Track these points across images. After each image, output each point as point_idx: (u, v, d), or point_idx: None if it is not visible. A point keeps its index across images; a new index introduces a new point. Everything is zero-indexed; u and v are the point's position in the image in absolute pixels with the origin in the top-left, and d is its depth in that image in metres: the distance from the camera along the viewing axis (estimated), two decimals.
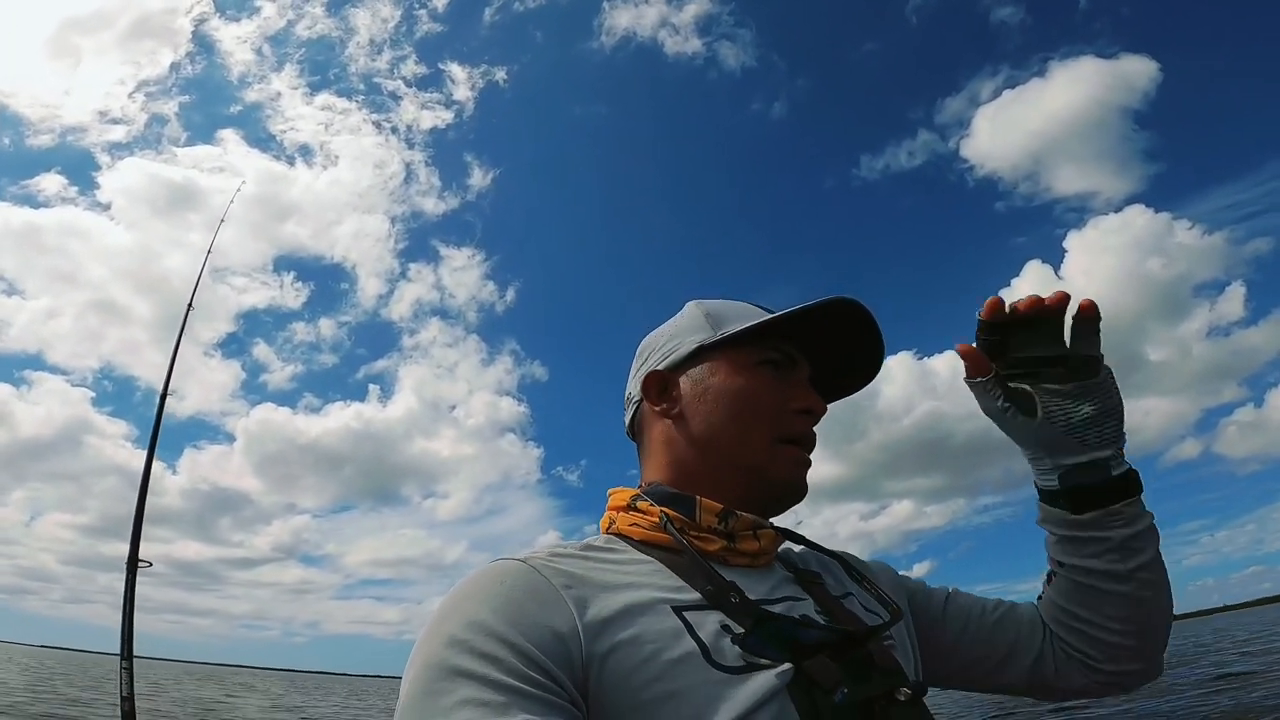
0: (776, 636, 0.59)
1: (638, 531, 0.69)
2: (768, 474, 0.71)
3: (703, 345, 0.76)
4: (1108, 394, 0.72)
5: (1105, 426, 0.72)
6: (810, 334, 0.75)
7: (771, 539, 0.72)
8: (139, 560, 3.51)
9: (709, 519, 0.68)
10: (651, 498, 0.71)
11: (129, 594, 3.40)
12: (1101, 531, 0.73)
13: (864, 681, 0.58)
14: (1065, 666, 0.80)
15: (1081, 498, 0.73)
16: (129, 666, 3.26)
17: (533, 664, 0.52)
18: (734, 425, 0.72)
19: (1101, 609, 0.76)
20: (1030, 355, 0.72)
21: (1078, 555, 0.75)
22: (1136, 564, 0.73)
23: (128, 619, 3.36)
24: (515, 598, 0.56)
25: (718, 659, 0.56)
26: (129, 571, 3.44)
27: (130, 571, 3.43)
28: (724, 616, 0.59)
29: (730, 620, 0.59)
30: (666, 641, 0.56)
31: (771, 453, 0.72)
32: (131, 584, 3.41)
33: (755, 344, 0.75)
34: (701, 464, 0.73)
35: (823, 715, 0.55)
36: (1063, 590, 0.78)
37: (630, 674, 0.54)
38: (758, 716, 0.53)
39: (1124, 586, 0.74)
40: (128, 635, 3.32)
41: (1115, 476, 0.72)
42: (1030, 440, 0.76)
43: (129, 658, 3.26)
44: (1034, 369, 0.72)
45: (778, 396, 0.73)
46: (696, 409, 0.74)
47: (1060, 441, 0.73)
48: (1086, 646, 0.78)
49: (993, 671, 0.83)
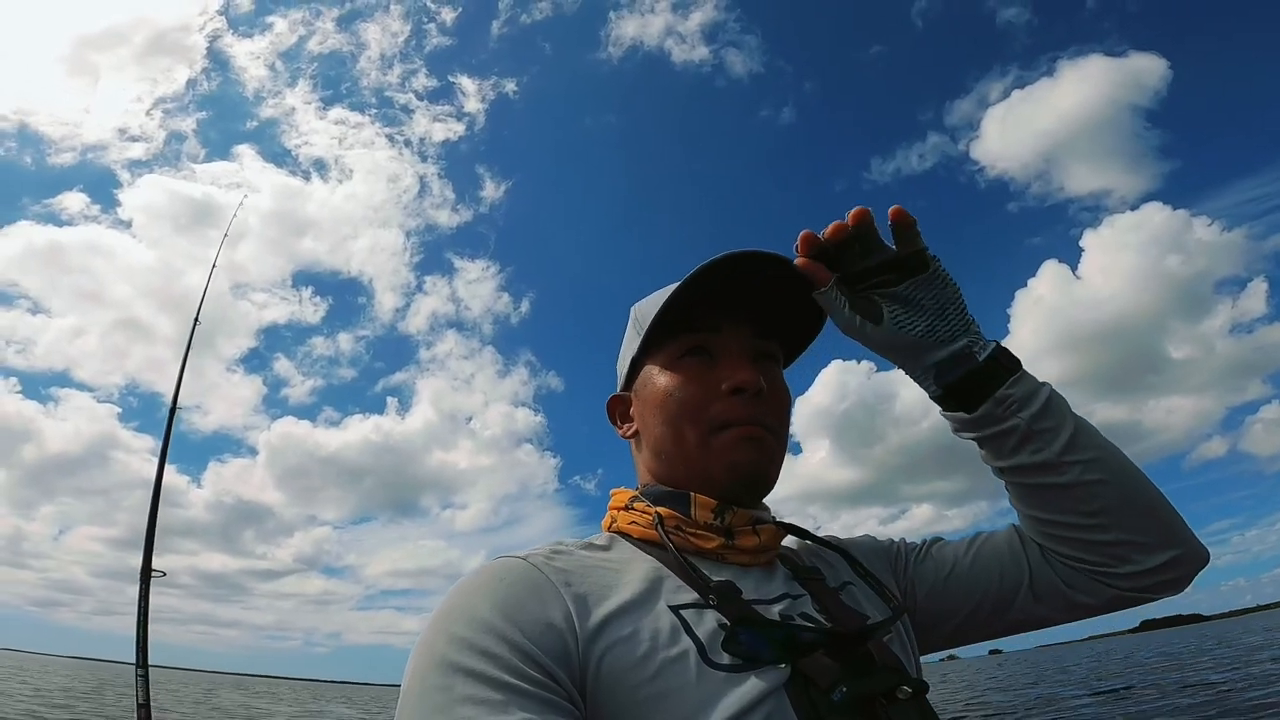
0: (773, 635, 0.58)
1: (636, 530, 0.70)
2: (712, 470, 0.70)
3: (634, 358, 0.77)
4: (942, 284, 0.70)
5: (949, 317, 0.70)
6: (742, 293, 0.73)
7: (772, 534, 0.71)
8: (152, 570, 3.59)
9: (705, 515, 0.68)
10: (648, 498, 0.72)
11: (143, 603, 3.48)
12: (1003, 423, 0.69)
13: (864, 679, 0.57)
14: (1078, 581, 0.74)
15: (964, 393, 0.70)
16: (144, 674, 3.33)
17: (532, 662, 0.52)
18: (670, 432, 0.71)
19: (1062, 506, 0.70)
20: (861, 267, 0.72)
21: (1002, 456, 0.71)
22: (1060, 446, 0.68)
23: (142, 627, 3.44)
24: (515, 595, 0.57)
25: (714, 658, 0.56)
26: (143, 581, 3.52)
27: (144, 581, 3.51)
28: (721, 616, 0.59)
29: (727, 619, 0.59)
30: (663, 640, 0.56)
31: (706, 447, 0.70)
32: (145, 593, 3.49)
33: (674, 335, 0.73)
34: (666, 473, 0.73)
35: (822, 714, 0.54)
36: (1018, 497, 0.74)
37: (627, 672, 0.54)
38: (755, 716, 0.53)
39: (1064, 476, 0.69)
40: (142, 643, 3.41)
41: (984, 361, 0.69)
42: (889, 348, 0.73)
43: (144, 665, 3.34)
44: (867, 279, 0.72)
45: (702, 387, 0.71)
46: (646, 424, 0.75)
47: (916, 344, 0.71)
48: (1082, 553, 0.72)
49: (996, 611, 0.77)
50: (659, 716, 0.53)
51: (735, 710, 0.53)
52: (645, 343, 0.75)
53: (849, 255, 0.71)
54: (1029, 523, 0.75)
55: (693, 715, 0.53)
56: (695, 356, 0.73)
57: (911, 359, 0.73)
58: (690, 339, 0.73)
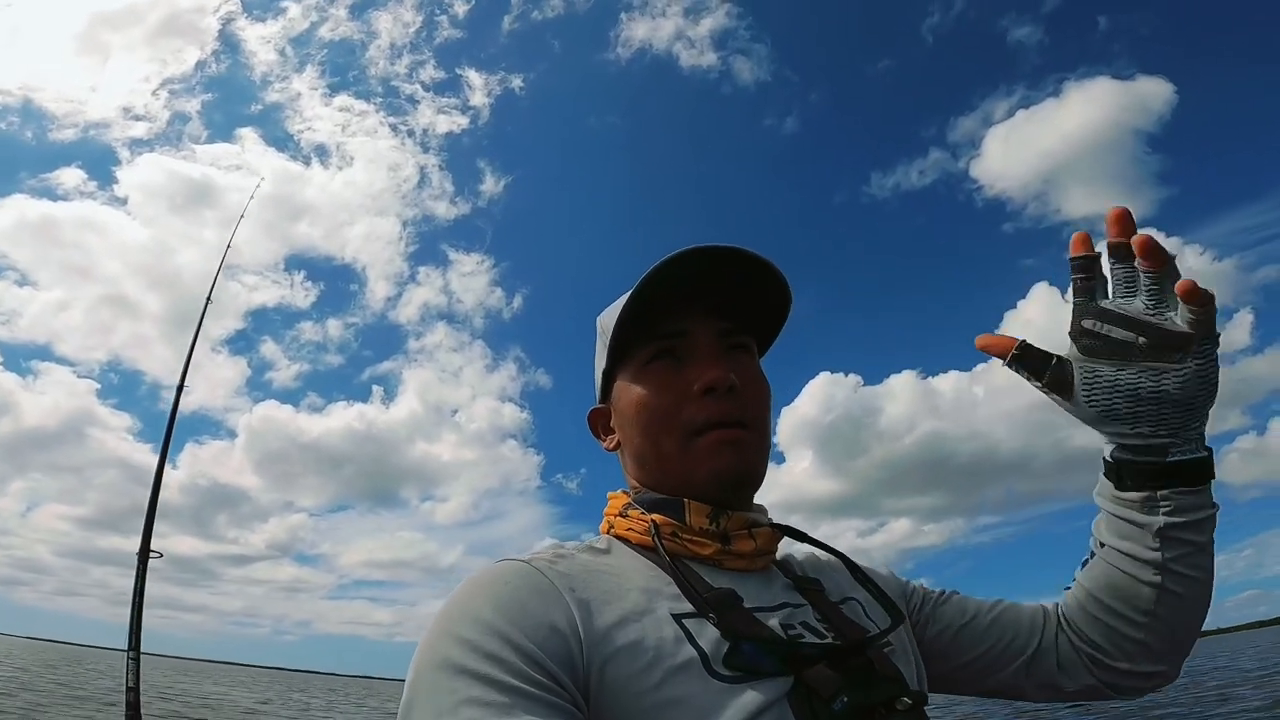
0: (775, 645, 0.58)
1: (634, 536, 0.69)
2: (693, 476, 0.68)
3: (605, 370, 0.76)
4: (1186, 381, 0.62)
5: (1165, 411, 0.63)
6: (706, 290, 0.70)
7: (768, 538, 0.70)
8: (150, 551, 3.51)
9: (699, 520, 0.67)
10: (641, 505, 0.71)
11: (139, 585, 3.41)
12: (1146, 515, 0.67)
13: (864, 690, 0.57)
14: (1071, 663, 0.76)
15: (1131, 475, 0.67)
16: (136, 657, 3.25)
17: (536, 665, 0.51)
18: (648, 442, 0.70)
19: (1129, 599, 0.70)
20: (1109, 316, 0.63)
21: (1117, 536, 0.70)
22: (1176, 554, 0.67)
23: (136, 610, 3.36)
24: (520, 598, 0.56)
25: (717, 668, 0.55)
26: (140, 562, 3.44)
27: (142, 562, 3.44)
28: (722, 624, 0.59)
29: (728, 628, 0.58)
30: (667, 649, 0.56)
31: (685, 454, 0.68)
32: (142, 574, 3.42)
33: (640, 341, 0.71)
34: (656, 484, 0.71)
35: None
36: (1094, 574, 0.73)
37: (631, 680, 0.54)
38: None
39: (1157, 577, 0.68)
40: (136, 626, 3.32)
41: (1173, 462, 0.65)
42: (1078, 415, 0.69)
43: (136, 648, 3.26)
44: (1104, 337, 0.64)
45: (673, 392, 0.69)
46: (625, 435, 0.74)
47: (1104, 416, 0.66)
48: (1102, 639, 0.73)
49: (986, 670, 0.79)
50: None
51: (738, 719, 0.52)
52: (612, 353, 0.73)
53: (1111, 284, 0.65)
54: (1082, 597, 0.75)
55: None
56: (662, 360, 0.70)
57: (1096, 425, 0.69)
58: (655, 345, 0.71)
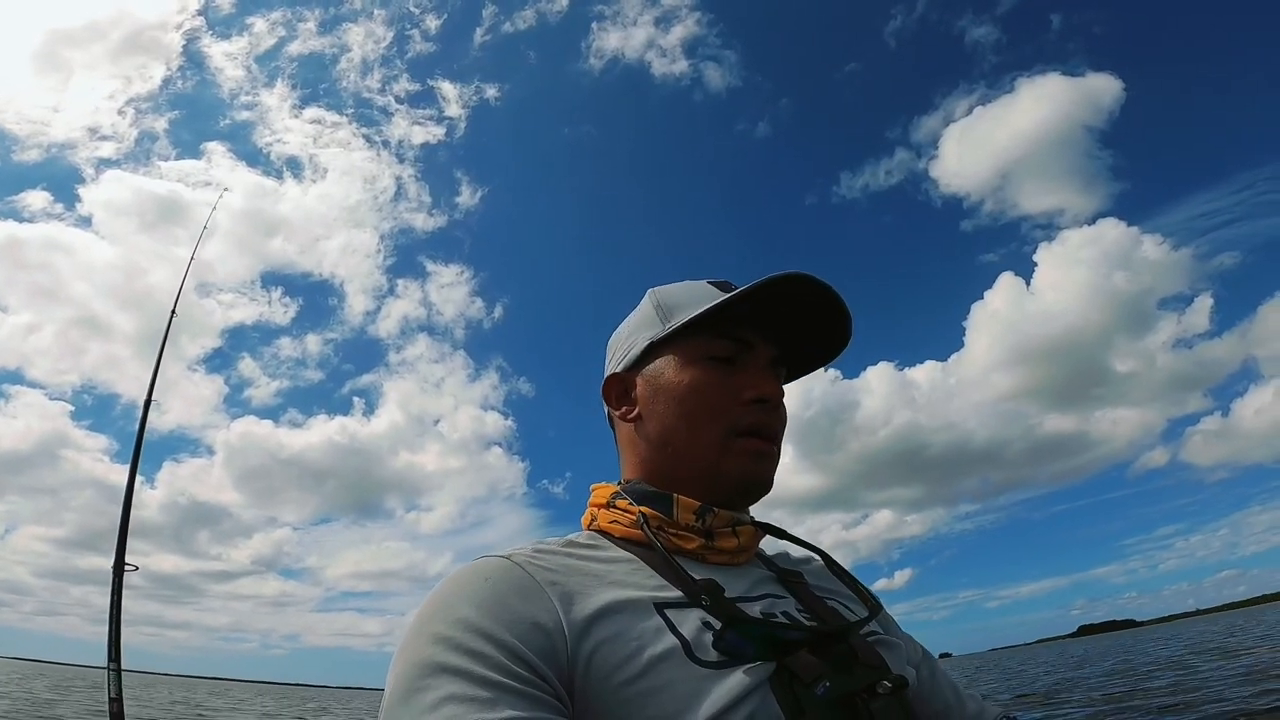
0: (758, 632, 0.59)
1: (618, 529, 0.70)
2: (722, 470, 0.70)
3: (653, 341, 0.75)
4: None
5: None
6: (771, 311, 0.73)
7: (750, 535, 0.72)
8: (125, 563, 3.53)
9: (686, 516, 0.69)
10: (630, 496, 0.72)
11: (115, 597, 3.42)
12: None
13: (846, 675, 0.59)
14: None
15: None
16: (117, 669, 3.28)
17: (519, 660, 0.52)
18: (685, 423, 0.71)
19: None
20: None
21: None
22: None
23: (114, 622, 3.38)
24: (500, 594, 0.57)
25: (700, 655, 0.56)
26: (115, 574, 3.46)
27: (117, 575, 3.45)
28: (704, 614, 0.60)
29: (710, 617, 0.60)
30: (649, 638, 0.56)
31: (724, 448, 0.70)
32: (119, 587, 3.43)
33: (705, 333, 0.73)
34: (665, 464, 0.73)
35: (805, 709, 0.55)
36: None
37: (614, 671, 0.54)
38: (740, 710, 0.53)
39: None
40: (115, 638, 3.34)
41: None
42: None
43: (117, 659, 3.29)
44: None
45: (727, 389, 0.71)
46: (653, 410, 0.74)
47: None
48: None
49: None
50: (647, 713, 0.53)
51: (722, 705, 0.53)
52: (677, 332, 0.74)
53: None
54: None
55: (680, 711, 0.53)
56: (717, 360, 0.73)
57: None
58: (723, 345, 0.73)
